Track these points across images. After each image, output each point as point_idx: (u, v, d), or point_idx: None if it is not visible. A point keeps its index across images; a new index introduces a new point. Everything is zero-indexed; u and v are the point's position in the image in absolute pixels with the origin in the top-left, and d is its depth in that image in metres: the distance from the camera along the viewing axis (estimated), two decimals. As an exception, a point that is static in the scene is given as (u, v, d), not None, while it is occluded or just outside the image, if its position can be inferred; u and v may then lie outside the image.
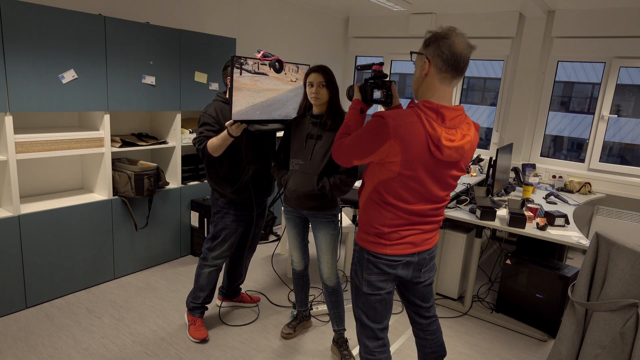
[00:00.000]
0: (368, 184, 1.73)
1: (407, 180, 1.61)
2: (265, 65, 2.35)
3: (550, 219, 3.00)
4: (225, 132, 2.33)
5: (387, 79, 1.86)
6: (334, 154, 1.78)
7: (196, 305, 2.73)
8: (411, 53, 1.68)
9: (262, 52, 2.27)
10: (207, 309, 2.80)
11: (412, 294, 1.91)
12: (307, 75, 2.33)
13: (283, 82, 2.44)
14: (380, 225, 1.69)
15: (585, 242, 2.69)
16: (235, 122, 2.24)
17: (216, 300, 3.18)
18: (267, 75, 2.35)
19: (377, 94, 1.84)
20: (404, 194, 1.64)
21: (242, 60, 2.21)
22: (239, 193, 2.59)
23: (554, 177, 4.50)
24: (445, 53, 1.54)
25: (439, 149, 1.57)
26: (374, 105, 2.05)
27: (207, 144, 2.41)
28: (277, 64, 2.30)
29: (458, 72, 1.58)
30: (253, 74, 2.27)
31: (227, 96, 2.58)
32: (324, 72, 2.29)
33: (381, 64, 1.88)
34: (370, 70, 1.88)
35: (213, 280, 2.72)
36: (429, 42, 1.58)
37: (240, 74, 2.23)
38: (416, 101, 1.64)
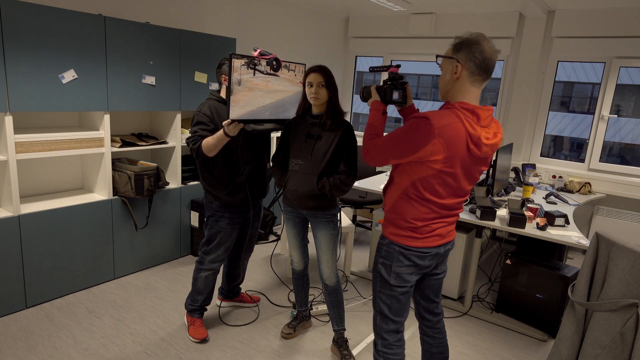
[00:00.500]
0: (401, 181, 1.80)
1: (445, 177, 1.72)
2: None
3: (550, 219, 3.00)
4: (221, 131, 2.30)
5: (403, 80, 1.96)
6: (367, 156, 1.82)
7: (195, 307, 2.73)
8: (437, 56, 1.77)
9: (258, 50, 2.24)
10: (206, 309, 2.80)
11: (427, 287, 2.01)
12: (306, 75, 2.32)
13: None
14: (414, 220, 1.79)
15: (585, 242, 2.69)
16: (233, 121, 2.22)
17: (216, 300, 3.18)
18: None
19: (395, 95, 1.94)
20: (439, 190, 1.74)
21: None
22: (234, 194, 2.55)
23: (554, 177, 4.50)
24: (477, 57, 1.65)
25: (478, 147, 1.70)
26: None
27: (201, 143, 2.37)
28: (274, 62, 2.29)
29: (488, 75, 1.71)
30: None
31: (221, 95, 2.54)
32: (324, 72, 2.29)
33: (398, 66, 1.98)
34: (381, 72, 2.01)
35: (210, 284, 2.71)
36: (460, 47, 1.68)
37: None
38: (452, 102, 1.73)
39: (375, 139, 1.81)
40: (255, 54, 2.20)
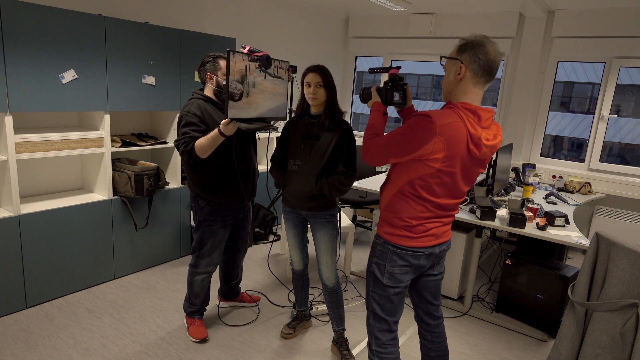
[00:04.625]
0: (398, 180, 1.80)
1: (443, 176, 1.71)
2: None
3: (550, 219, 2.99)
4: (215, 131, 2.24)
5: (403, 81, 1.99)
6: (367, 155, 1.82)
7: (194, 310, 2.73)
8: (441, 57, 1.79)
9: (247, 48, 2.17)
10: (205, 310, 2.80)
11: (424, 289, 1.98)
12: (304, 75, 2.32)
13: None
14: (409, 218, 1.78)
15: (585, 242, 2.68)
16: (231, 120, 2.17)
17: (216, 300, 3.17)
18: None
19: (395, 97, 1.95)
20: (436, 189, 1.74)
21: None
22: (228, 196, 2.51)
23: (554, 177, 4.50)
24: (481, 59, 1.66)
25: (478, 147, 1.70)
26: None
27: (194, 145, 2.30)
28: (267, 60, 2.26)
29: (491, 77, 1.72)
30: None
31: (206, 93, 2.48)
32: (321, 71, 2.29)
33: (398, 67, 1.99)
34: (382, 73, 2.02)
35: (206, 286, 2.71)
36: (465, 49, 1.69)
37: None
38: (454, 102, 1.73)
39: (376, 138, 1.81)
40: (245, 50, 2.14)
